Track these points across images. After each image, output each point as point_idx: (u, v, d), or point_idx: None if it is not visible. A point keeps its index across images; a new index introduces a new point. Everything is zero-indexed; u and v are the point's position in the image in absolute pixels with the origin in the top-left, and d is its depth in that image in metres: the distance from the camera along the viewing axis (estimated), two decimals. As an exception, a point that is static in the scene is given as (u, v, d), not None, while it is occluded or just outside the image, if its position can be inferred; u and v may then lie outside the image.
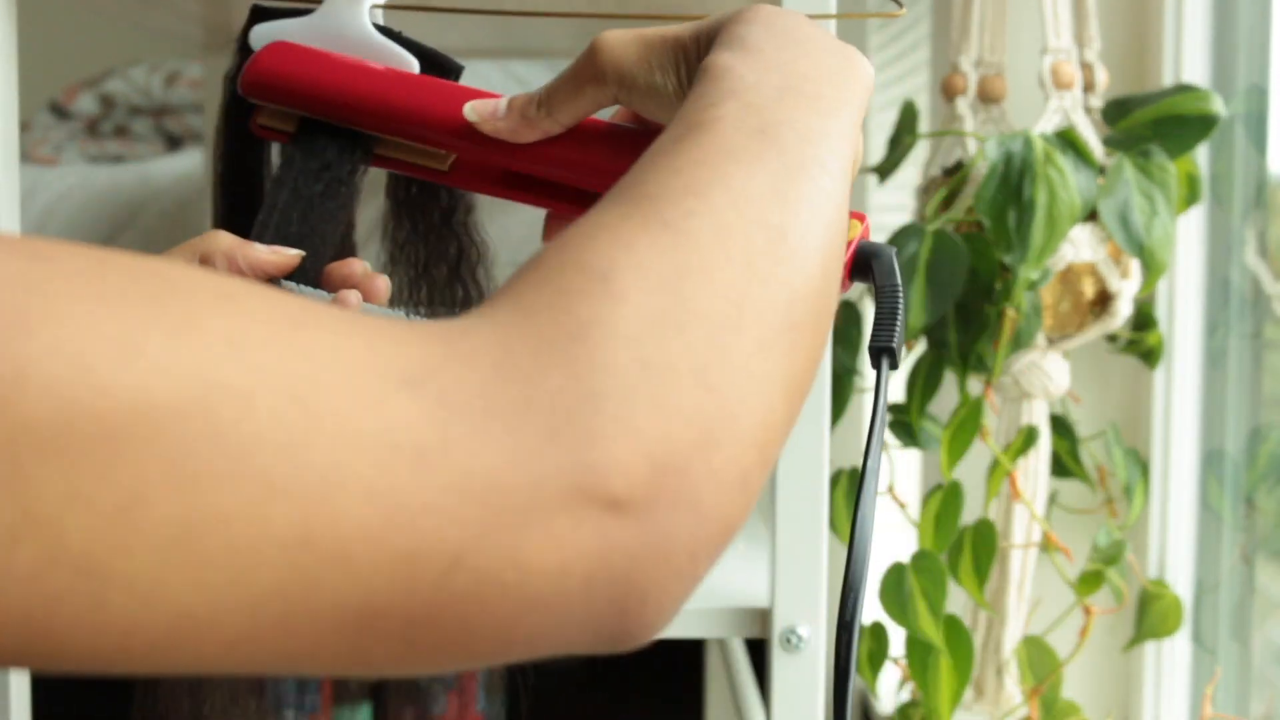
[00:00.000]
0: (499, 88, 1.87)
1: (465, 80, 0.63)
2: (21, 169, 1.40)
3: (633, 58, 0.51)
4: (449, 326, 0.36)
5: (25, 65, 0.87)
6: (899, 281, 0.51)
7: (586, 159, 0.56)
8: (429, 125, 0.60)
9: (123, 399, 0.30)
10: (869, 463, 0.47)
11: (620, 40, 0.52)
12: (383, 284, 0.62)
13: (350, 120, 0.62)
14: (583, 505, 0.34)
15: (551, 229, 0.59)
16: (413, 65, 0.65)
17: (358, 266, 0.63)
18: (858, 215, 0.53)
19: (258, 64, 0.63)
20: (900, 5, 0.75)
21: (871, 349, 0.50)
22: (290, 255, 0.59)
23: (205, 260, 0.58)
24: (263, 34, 0.66)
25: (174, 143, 1.95)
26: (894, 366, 0.50)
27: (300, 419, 0.32)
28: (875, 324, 0.50)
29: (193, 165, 1.57)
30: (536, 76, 1.73)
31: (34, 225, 1.45)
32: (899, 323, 0.50)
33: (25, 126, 1.98)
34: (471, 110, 0.57)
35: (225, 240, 0.58)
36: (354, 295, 0.60)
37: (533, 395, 0.35)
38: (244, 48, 0.67)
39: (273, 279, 0.60)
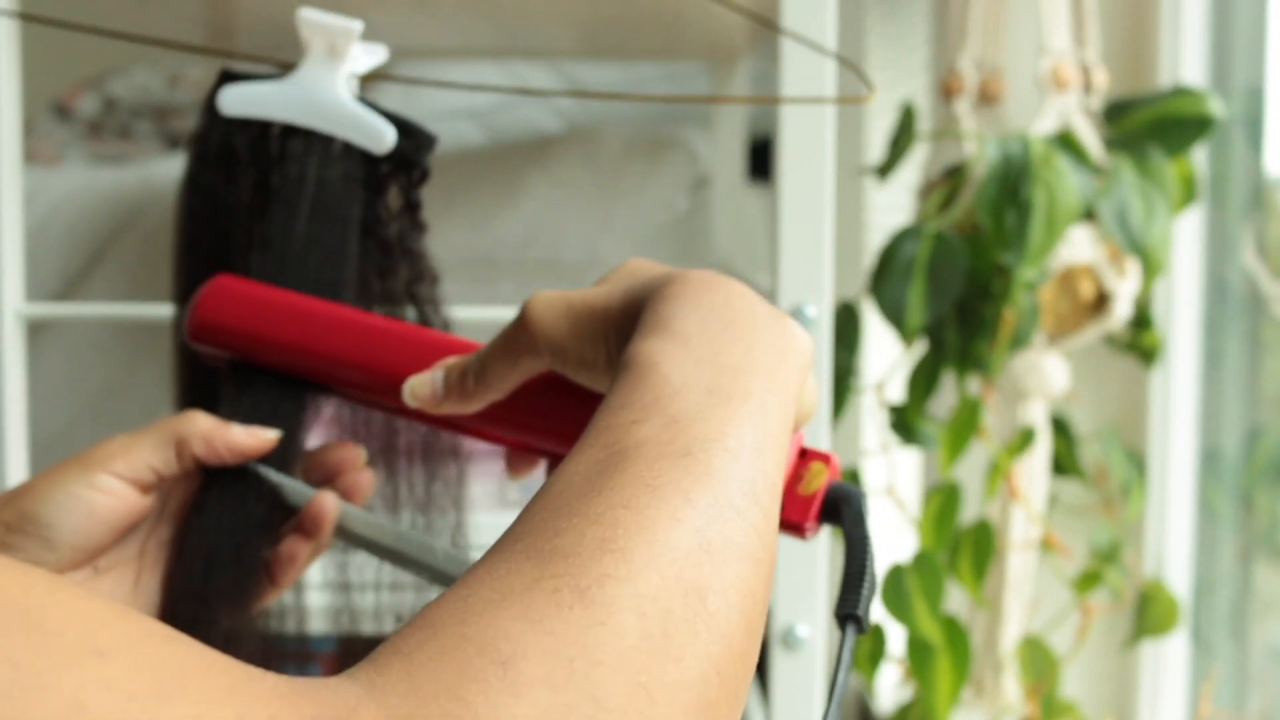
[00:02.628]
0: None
1: (464, 76, 0.62)
2: (25, 170, 1.41)
3: (564, 331, 0.49)
4: (332, 694, 0.33)
5: (28, 67, 0.87)
6: (868, 532, 0.48)
7: (531, 420, 0.54)
8: (375, 389, 0.58)
9: None
10: None
11: (550, 311, 0.50)
12: (366, 481, 0.61)
13: (296, 373, 0.60)
14: None
15: (513, 462, 0.57)
16: (388, 134, 0.64)
17: (350, 455, 0.61)
18: (823, 456, 0.51)
19: (201, 311, 0.61)
20: (871, 89, 0.75)
21: (838, 615, 0.46)
22: (268, 438, 0.58)
23: (181, 444, 0.57)
24: (232, 97, 0.65)
25: (176, 144, 1.96)
26: (862, 631, 0.46)
27: None
28: (843, 584, 0.46)
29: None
30: (536, 76, 1.73)
31: (38, 226, 1.45)
32: (868, 582, 0.46)
33: (28, 128, 1.98)
34: (410, 394, 0.55)
35: (203, 423, 0.57)
36: (330, 501, 0.58)
37: None
38: (210, 108, 0.66)
39: (250, 460, 0.58)
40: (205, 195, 0.66)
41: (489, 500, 0.96)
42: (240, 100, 0.65)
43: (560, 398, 0.53)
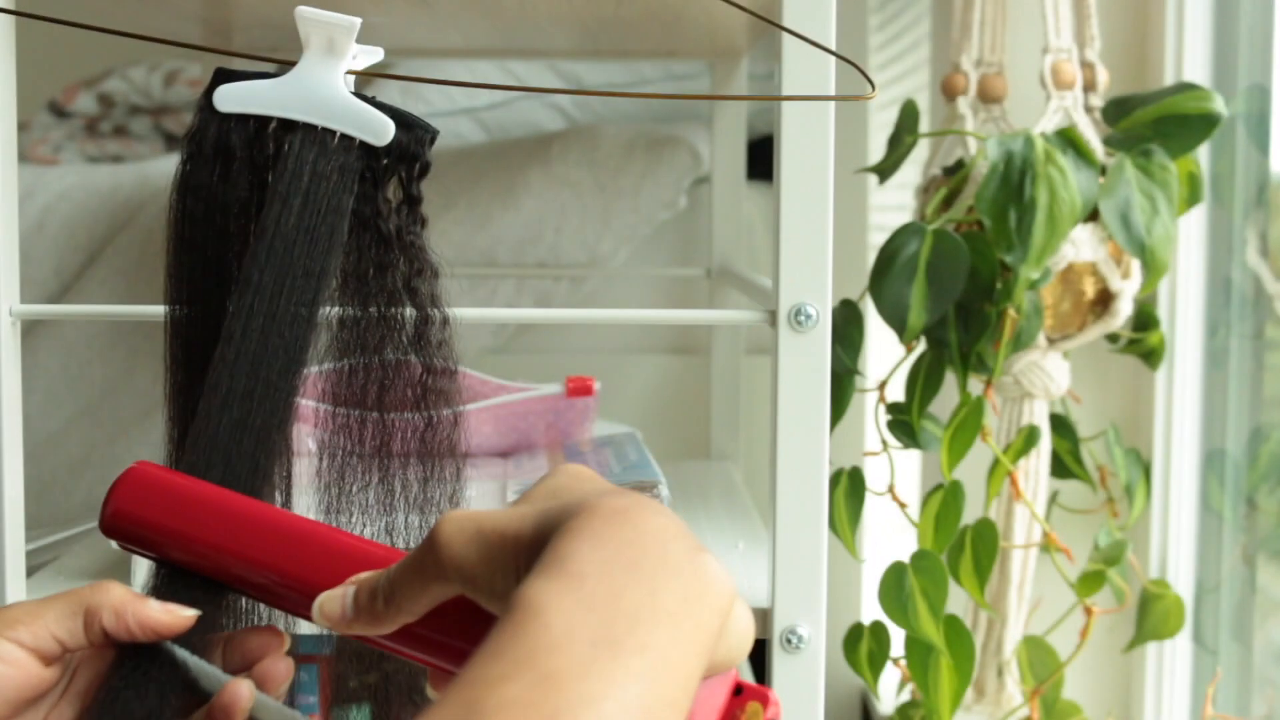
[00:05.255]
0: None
1: (463, 76, 0.62)
2: (21, 169, 1.40)
3: (474, 558, 0.46)
4: None
5: (24, 65, 0.86)
6: None
7: (447, 644, 0.51)
8: (289, 599, 0.55)
9: None
10: None
11: (460, 535, 0.47)
12: (284, 670, 0.57)
13: (208, 572, 0.57)
14: None
15: (435, 681, 0.54)
16: (388, 127, 0.64)
17: (271, 640, 0.58)
18: (761, 695, 0.47)
19: (116, 503, 0.58)
20: (873, 87, 0.74)
21: None
22: (184, 617, 0.54)
23: (90, 615, 0.53)
24: (228, 94, 0.65)
25: (173, 142, 1.95)
26: None
27: None
28: None
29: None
30: (536, 76, 1.73)
31: (33, 225, 1.44)
32: None
33: (24, 126, 1.97)
34: (319, 613, 0.52)
35: (116, 594, 0.54)
36: (245, 690, 0.55)
37: None
38: (206, 106, 0.65)
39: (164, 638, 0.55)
40: (199, 193, 0.65)
41: (491, 500, 0.95)
42: (237, 96, 0.64)
43: (478, 622, 0.49)
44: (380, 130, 0.64)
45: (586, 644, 0.39)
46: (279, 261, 0.62)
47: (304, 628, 0.69)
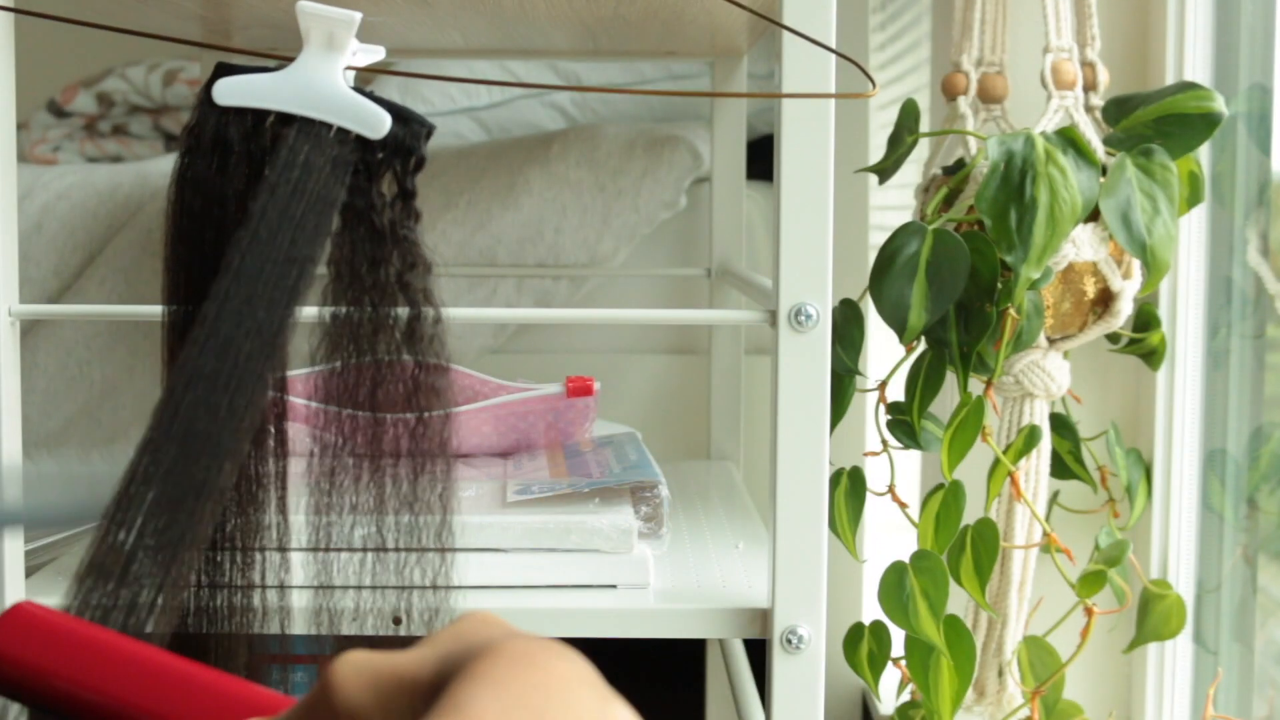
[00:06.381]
0: (498, 87, 1.85)
1: (464, 75, 0.62)
2: (19, 168, 1.40)
3: (368, 703, 0.44)
4: None
5: (23, 64, 0.86)
6: None
7: None
8: None
9: None
10: None
11: (356, 679, 0.44)
12: None
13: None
14: None
15: None
16: (385, 119, 0.64)
17: None
18: None
19: None
20: (874, 85, 0.74)
21: None
22: None
23: None
24: (227, 87, 0.65)
25: (173, 142, 1.95)
26: None
27: None
28: None
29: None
30: (536, 76, 1.73)
31: (32, 224, 1.44)
32: None
33: (23, 126, 1.97)
34: None
35: None
36: None
37: None
38: (206, 100, 0.65)
39: None
40: (198, 186, 0.65)
41: (491, 500, 0.95)
42: (235, 90, 0.65)
43: None
44: (376, 123, 0.64)
45: None
46: (261, 249, 0.61)
47: (299, 628, 0.69)
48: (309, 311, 0.64)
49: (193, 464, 0.59)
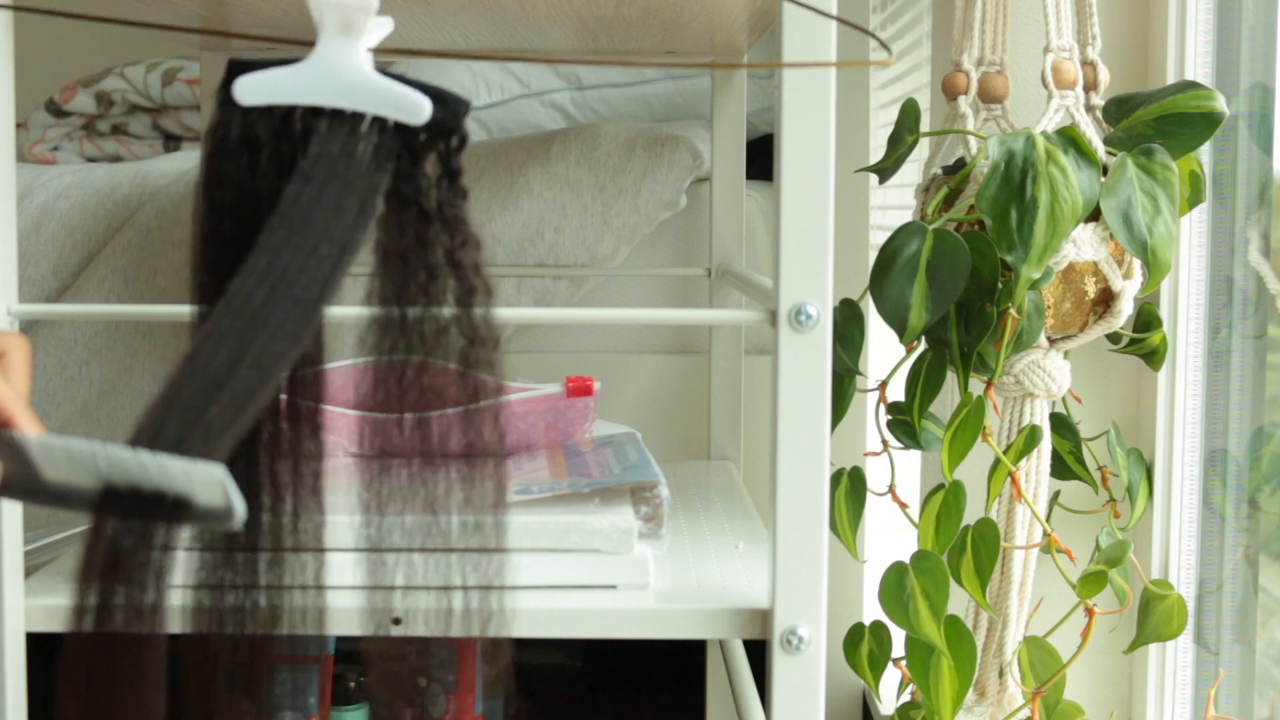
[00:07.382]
0: (498, 86, 1.85)
1: (463, 76, 0.61)
2: (19, 168, 1.40)
3: None
4: None
5: (22, 64, 0.86)
6: None
7: None
8: None
9: None
10: None
11: None
12: None
13: None
14: None
15: None
16: (425, 105, 0.62)
17: None
18: None
19: None
20: (890, 53, 0.74)
21: None
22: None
23: None
24: (249, 86, 0.63)
25: (172, 141, 1.95)
26: None
27: None
28: None
29: (190, 164, 1.57)
30: (536, 76, 1.73)
31: (31, 224, 1.44)
32: None
33: (22, 125, 1.97)
34: None
35: None
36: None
37: None
38: (227, 100, 0.63)
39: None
40: (228, 186, 0.64)
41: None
42: (259, 87, 0.63)
43: None
44: (416, 109, 0.63)
45: None
46: (296, 229, 0.60)
47: (343, 628, 0.69)
48: (357, 310, 0.64)
49: (189, 441, 0.57)
